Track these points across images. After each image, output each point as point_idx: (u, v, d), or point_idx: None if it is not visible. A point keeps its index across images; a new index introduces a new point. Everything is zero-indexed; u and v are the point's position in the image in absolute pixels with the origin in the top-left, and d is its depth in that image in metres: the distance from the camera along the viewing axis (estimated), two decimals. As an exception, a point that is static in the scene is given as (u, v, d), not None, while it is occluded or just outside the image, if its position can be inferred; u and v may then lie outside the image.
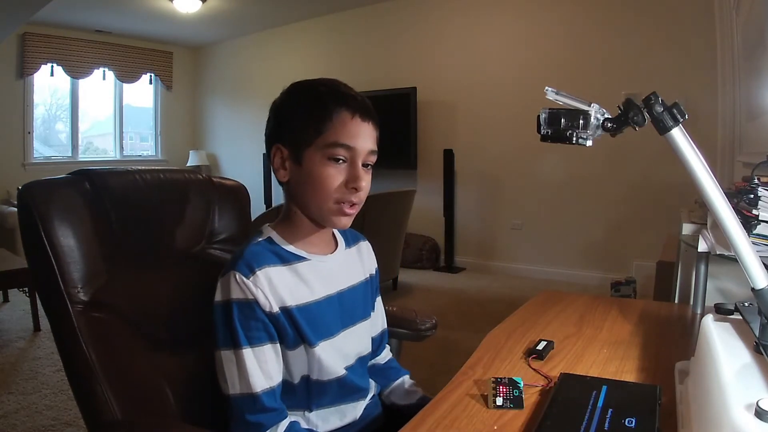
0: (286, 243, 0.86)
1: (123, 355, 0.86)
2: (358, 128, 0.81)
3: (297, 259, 0.85)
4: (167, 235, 0.99)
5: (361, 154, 0.82)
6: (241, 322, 0.78)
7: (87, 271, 0.85)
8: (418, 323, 1.19)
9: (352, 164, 0.81)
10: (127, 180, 0.96)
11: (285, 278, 0.82)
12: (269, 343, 0.80)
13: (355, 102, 0.82)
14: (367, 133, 0.83)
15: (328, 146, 0.80)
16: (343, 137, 0.80)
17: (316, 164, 0.80)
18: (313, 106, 0.81)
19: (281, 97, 0.86)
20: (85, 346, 0.81)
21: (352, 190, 0.81)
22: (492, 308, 3.46)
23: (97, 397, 0.80)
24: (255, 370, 0.78)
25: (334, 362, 0.86)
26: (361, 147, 0.81)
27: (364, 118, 0.82)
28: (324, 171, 0.80)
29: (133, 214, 0.94)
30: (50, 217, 0.82)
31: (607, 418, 0.65)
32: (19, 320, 3.36)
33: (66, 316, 0.82)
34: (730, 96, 2.56)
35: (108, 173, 0.94)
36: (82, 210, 0.87)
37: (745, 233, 0.60)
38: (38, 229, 0.81)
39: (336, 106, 0.80)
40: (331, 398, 0.88)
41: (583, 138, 0.64)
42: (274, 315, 0.79)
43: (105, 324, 0.85)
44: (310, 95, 0.83)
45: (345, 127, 0.80)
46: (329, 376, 0.85)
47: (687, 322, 1.14)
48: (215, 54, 6.91)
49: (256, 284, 0.78)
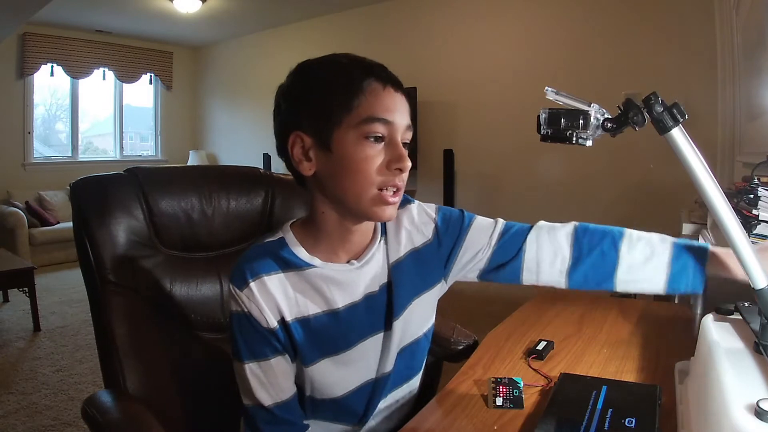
0: (298, 246, 0.75)
1: (145, 333, 0.93)
2: (393, 100, 0.70)
3: (306, 266, 0.74)
4: (214, 227, 1.04)
5: (399, 130, 0.70)
6: (242, 335, 0.72)
7: (119, 256, 0.93)
8: (452, 342, 1.09)
9: (391, 142, 0.69)
10: (172, 175, 1.06)
11: (285, 287, 0.72)
12: (275, 356, 0.72)
13: (384, 71, 0.72)
14: (402, 106, 0.71)
15: (362, 123, 0.67)
16: (380, 111, 0.68)
17: (351, 146, 0.68)
18: (337, 80, 0.70)
19: (291, 78, 0.74)
20: (110, 321, 0.90)
21: (396, 171, 0.69)
22: (492, 308, 3.46)
23: (112, 367, 0.89)
24: (259, 386, 0.72)
25: (332, 382, 0.76)
26: (399, 121, 0.70)
27: (397, 88, 0.71)
28: (361, 152, 0.68)
29: (173, 207, 1.00)
30: (89, 209, 0.93)
31: (607, 418, 0.65)
32: (19, 320, 3.36)
33: (97, 294, 0.92)
34: (730, 96, 2.56)
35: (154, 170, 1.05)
36: (121, 203, 0.96)
37: (745, 233, 0.60)
38: (79, 218, 0.93)
39: (365, 76, 0.69)
40: (324, 415, 0.80)
41: (583, 138, 0.64)
42: (272, 330, 0.71)
43: (134, 304, 0.93)
44: (330, 69, 0.72)
45: (379, 99, 0.69)
46: (322, 396, 0.77)
47: (687, 322, 1.14)
48: (215, 54, 6.91)
49: (250, 298, 0.70)
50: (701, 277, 0.72)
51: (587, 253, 0.77)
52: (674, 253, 0.73)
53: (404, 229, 0.82)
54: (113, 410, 0.82)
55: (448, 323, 1.12)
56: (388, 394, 0.83)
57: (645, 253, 0.74)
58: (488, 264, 0.82)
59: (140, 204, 0.97)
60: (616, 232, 0.77)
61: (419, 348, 0.84)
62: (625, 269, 0.75)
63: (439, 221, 0.84)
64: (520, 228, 0.83)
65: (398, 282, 0.79)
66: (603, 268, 0.76)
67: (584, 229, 0.80)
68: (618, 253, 0.75)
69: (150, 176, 1.00)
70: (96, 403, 0.82)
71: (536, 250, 0.79)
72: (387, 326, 0.78)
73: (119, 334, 0.90)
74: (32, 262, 4.01)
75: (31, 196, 5.24)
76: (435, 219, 0.84)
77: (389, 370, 0.79)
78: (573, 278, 0.78)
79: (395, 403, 0.85)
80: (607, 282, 0.76)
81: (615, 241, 0.76)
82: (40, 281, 3.62)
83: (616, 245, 0.76)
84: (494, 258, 0.82)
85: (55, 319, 3.41)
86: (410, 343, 0.82)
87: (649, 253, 0.74)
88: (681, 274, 0.73)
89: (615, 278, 0.75)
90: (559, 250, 0.78)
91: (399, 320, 0.78)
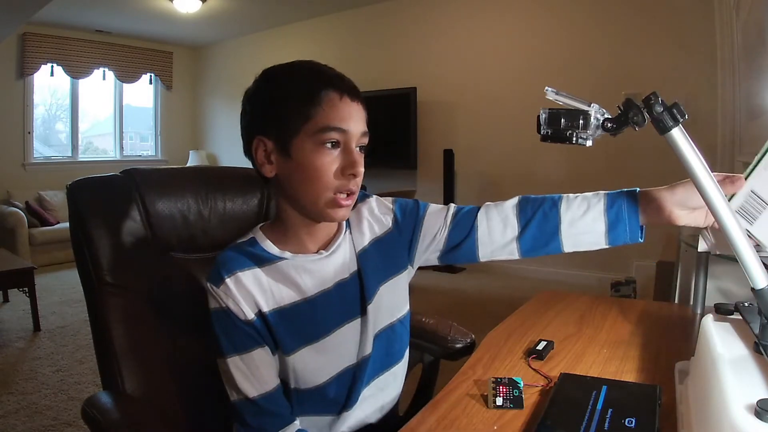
0: (269, 243, 0.80)
1: (142, 334, 0.93)
2: (349, 109, 0.75)
3: (277, 259, 0.79)
4: (210, 228, 1.04)
5: (354, 137, 0.75)
6: (222, 330, 0.75)
7: (116, 258, 0.92)
8: (449, 341, 1.09)
9: (346, 149, 0.74)
10: (168, 176, 1.06)
11: (260, 281, 0.77)
12: (257, 347, 0.76)
13: (341, 82, 0.76)
14: (358, 114, 0.76)
15: (318, 131, 0.73)
16: (335, 120, 0.73)
17: (308, 153, 0.73)
18: (296, 90, 0.74)
19: (255, 84, 0.78)
20: (107, 322, 0.89)
21: (349, 177, 0.74)
22: (492, 308, 3.46)
23: (110, 368, 0.88)
24: (243, 377, 0.75)
25: (314, 369, 0.79)
26: (354, 129, 0.75)
27: (353, 98, 0.76)
28: (318, 159, 0.73)
29: (170, 208, 1.00)
30: (85, 210, 0.92)
31: (607, 418, 0.65)
32: (19, 320, 3.36)
33: (94, 296, 0.91)
34: (730, 96, 2.56)
35: (151, 171, 1.04)
36: (118, 204, 0.96)
37: (745, 233, 0.60)
38: (75, 219, 0.92)
39: (322, 87, 0.74)
40: (309, 407, 0.82)
41: (583, 138, 0.64)
42: (250, 322, 0.75)
43: (132, 305, 0.93)
44: (291, 78, 0.77)
45: (335, 109, 0.73)
46: (306, 385, 0.80)
47: (687, 322, 1.14)
48: (215, 54, 6.91)
49: (227, 293, 0.74)
50: (637, 224, 0.76)
51: (531, 216, 0.82)
52: (608, 202, 0.78)
53: (366, 220, 0.88)
54: (114, 411, 0.82)
55: (445, 322, 1.12)
56: (371, 381, 0.85)
57: (582, 207, 0.79)
58: (446, 244, 0.87)
59: (137, 205, 0.96)
60: (555, 196, 0.83)
61: (395, 334, 0.88)
62: (567, 224, 0.80)
63: (396, 211, 0.90)
64: (470, 208, 0.87)
65: (366, 268, 0.84)
66: (547, 227, 0.81)
67: (526, 198, 0.84)
68: (558, 211, 0.80)
69: (146, 177, 1.00)
70: (96, 404, 0.82)
71: (487, 224, 0.84)
72: (362, 312, 0.83)
73: (117, 335, 0.89)
74: (32, 262, 4.01)
75: (31, 196, 5.24)
76: (393, 209, 0.90)
77: (368, 353, 0.82)
78: (523, 245, 0.83)
79: (379, 392, 0.87)
80: (554, 241, 0.81)
81: (555, 202, 0.81)
82: (40, 281, 3.62)
83: (556, 205, 0.81)
84: (450, 238, 0.86)
85: (55, 319, 3.41)
86: (385, 328, 0.85)
87: (586, 206, 0.79)
88: (617, 222, 0.77)
89: (560, 236, 0.80)
90: (508, 220, 0.83)
91: (371, 305, 0.82)
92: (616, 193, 0.78)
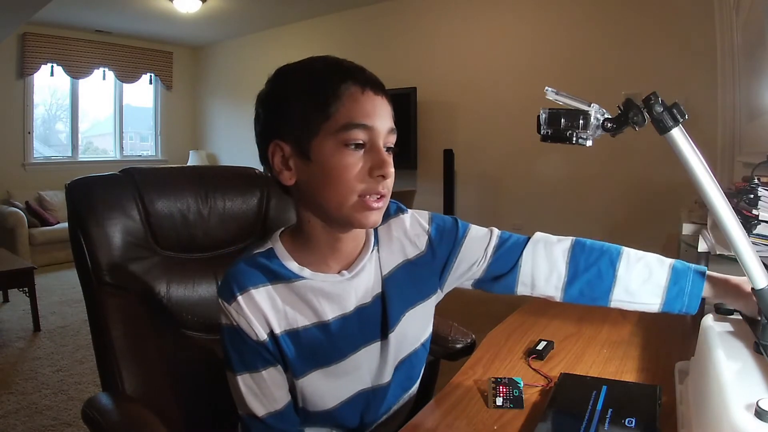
0: (288, 257, 0.72)
1: (141, 334, 0.93)
2: (372, 103, 0.66)
3: (295, 278, 0.72)
4: (210, 227, 1.04)
5: (381, 135, 0.67)
6: (233, 347, 0.71)
7: (115, 258, 0.92)
8: (449, 341, 1.08)
9: (373, 147, 0.66)
10: (168, 176, 1.06)
11: (274, 300, 0.71)
12: (268, 367, 0.71)
13: (362, 74, 0.68)
14: (383, 109, 0.68)
15: (341, 130, 0.65)
16: (358, 116, 0.65)
17: (330, 154, 0.65)
18: (313, 86, 0.67)
19: (269, 85, 0.71)
20: (106, 323, 0.90)
21: (378, 178, 0.66)
22: (492, 308, 3.45)
23: (109, 369, 0.89)
24: (252, 396, 0.71)
25: (324, 393, 0.74)
26: (380, 125, 0.66)
27: (377, 91, 0.68)
28: (341, 161, 0.65)
29: (169, 208, 1.00)
30: (84, 210, 0.92)
31: (607, 418, 0.65)
32: (19, 320, 3.36)
33: (93, 296, 0.91)
34: (730, 96, 2.56)
35: (150, 170, 1.04)
36: (117, 203, 0.95)
37: (745, 233, 0.60)
38: (74, 219, 0.93)
39: (341, 80, 0.66)
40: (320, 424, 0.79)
41: (583, 138, 0.64)
42: (262, 343, 0.70)
43: (131, 306, 0.93)
44: (306, 74, 0.69)
45: (357, 103, 0.65)
46: (315, 408, 0.75)
47: (687, 322, 1.14)
48: (215, 54, 6.91)
49: (239, 312, 0.69)
50: (697, 302, 0.72)
51: (584, 270, 0.76)
52: (672, 278, 0.73)
53: (397, 240, 0.80)
54: (114, 412, 0.82)
55: (445, 322, 1.12)
56: (390, 409, 0.81)
57: (642, 275, 0.73)
58: (484, 275, 0.81)
59: (136, 205, 0.96)
60: (614, 250, 0.76)
61: (417, 358, 0.83)
62: (622, 290, 0.74)
63: (432, 232, 0.81)
64: (516, 241, 0.81)
65: (391, 294, 0.77)
66: (599, 287, 0.75)
67: (581, 245, 0.78)
68: (615, 273, 0.74)
69: (146, 177, 1.00)
70: (96, 405, 0.82)
71: (532, 265, 0.78)
72: (383, 335, 0.76)
73: (116, 335, 0.89)
74: (32, 262, 4.01)
75: (31, 196, 5.24)
76: (428, 231, 0.81)
77: (387, 381, 0.78)
78: (568, 293, 0.77)
79: (393, 413, 0.84)
80: (602, 300, 0.76)
81: (612, 261, 0.75)
82: (40, 281, 3.62)
83: (613, 265, 0.75)
84: (490, 270, 0.80)
85: (55, 319, 3.41)
86: (408, 355, 0.80)
87: (647, 275, 0.73)
88: (677, 298, 0.72)
89: (610, 297, 0.75)
90: (555, 267, 0.77)
91: (394, 332, 0.76)
92: (683, 269, 0.73)
